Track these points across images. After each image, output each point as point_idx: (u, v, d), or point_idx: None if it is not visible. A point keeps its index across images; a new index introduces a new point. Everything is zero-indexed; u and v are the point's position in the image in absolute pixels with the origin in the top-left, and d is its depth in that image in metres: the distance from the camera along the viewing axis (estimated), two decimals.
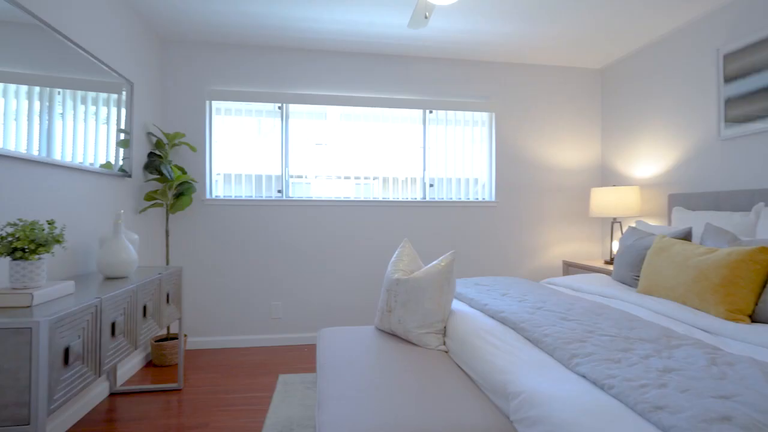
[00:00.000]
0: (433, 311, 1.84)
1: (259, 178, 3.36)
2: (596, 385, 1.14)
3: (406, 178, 3.55)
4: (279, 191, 3.37)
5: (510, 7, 2.68)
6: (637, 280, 2.37)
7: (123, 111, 2.58)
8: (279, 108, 3.37)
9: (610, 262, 3.23)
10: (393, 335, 1.97)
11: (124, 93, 2.59)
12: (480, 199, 3.64)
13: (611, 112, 3.66)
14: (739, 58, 2.48)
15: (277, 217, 3.34)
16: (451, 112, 3.58)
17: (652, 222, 3.21)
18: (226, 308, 3.29)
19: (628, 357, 1.24)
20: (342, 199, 3.42)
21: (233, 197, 3.31)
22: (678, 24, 2.90)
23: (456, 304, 2.14)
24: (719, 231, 2.08)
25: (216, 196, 3.31)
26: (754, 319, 1.68)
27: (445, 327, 1.89)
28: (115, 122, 2.49)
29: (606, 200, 3.17)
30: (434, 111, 3.55)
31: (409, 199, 3.50)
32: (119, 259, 2.01)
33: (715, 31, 2.66)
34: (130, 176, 2.65)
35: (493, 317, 1.83)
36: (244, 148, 3.34)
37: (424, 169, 3.55)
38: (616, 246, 3.36)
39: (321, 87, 3.39)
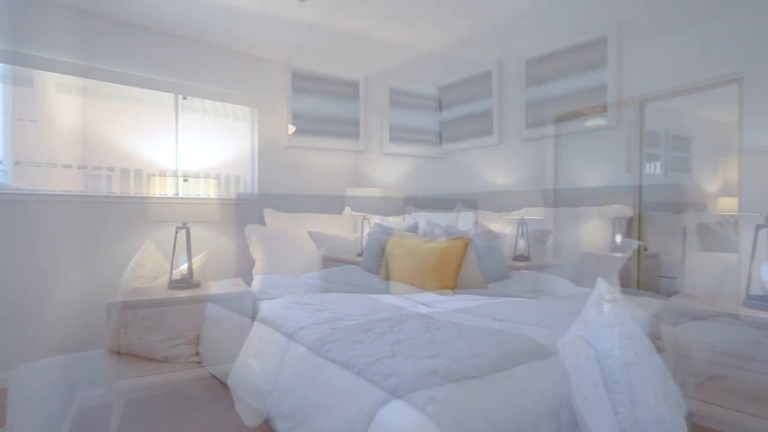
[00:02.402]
0: None
1: None
2: (343, 366, 1.25)
3: None
4: None
5: None
6: (380, 268, 2.77)
7: None
8: None
9: (361, 254, 3.66)
10: None
11: None
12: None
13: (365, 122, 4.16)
14: (448, 92, 3.23)
15: None
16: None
17: (392, 219, 3.81)
18: None
19: (369, 336, 1.42)
20: None
21: None
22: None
23: None
24: (436, 226, 2.64)
25: None
26: (456, 290, 2.21)
27: None
28: None
29: (358, 199, 3.58)
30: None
31: None
32: None
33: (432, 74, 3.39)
34: None
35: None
36: None
37: None
38: (365, 240, 3.84)
39: None
